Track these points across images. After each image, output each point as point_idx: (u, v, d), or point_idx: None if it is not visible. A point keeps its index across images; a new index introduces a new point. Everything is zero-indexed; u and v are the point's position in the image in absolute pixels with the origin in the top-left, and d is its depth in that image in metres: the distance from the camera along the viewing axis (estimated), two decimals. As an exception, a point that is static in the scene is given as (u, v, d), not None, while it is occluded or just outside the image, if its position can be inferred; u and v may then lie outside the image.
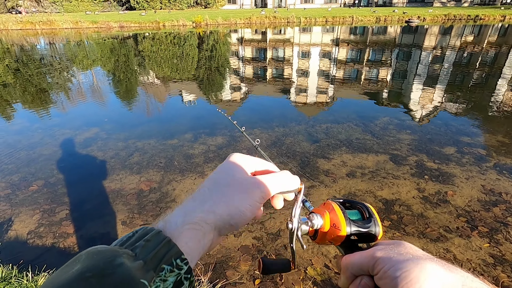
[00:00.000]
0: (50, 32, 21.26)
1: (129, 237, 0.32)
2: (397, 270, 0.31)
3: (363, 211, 0.43)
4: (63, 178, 3.34)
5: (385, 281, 0.31)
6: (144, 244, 0.31)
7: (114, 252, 0.29)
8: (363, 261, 0.35)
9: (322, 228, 0.42)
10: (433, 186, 3.04)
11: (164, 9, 37.27)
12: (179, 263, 0.30)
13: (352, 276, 0.37)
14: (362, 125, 4.61)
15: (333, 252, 2.24)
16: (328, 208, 0.43)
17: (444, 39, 15.50)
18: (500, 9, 29.17)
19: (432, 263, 0.30)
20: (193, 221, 0.34)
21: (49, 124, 5.03)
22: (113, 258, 0.27)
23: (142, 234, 0.32)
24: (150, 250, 0.30)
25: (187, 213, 0.36)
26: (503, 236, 2.37)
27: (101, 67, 10.19)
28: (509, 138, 4.11)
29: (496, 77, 7.81)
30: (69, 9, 36.34)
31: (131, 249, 0.30)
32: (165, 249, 0.30)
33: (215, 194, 0.38)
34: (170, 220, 0.35)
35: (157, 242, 0.31)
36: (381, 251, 0.34)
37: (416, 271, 0.29)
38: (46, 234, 2.52)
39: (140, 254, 0.29)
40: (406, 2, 39.73)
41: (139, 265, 0.28)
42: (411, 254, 0.33)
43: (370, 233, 0.40)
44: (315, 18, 24.89)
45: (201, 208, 0.36)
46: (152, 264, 0.29)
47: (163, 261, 0.29)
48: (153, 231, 0.32)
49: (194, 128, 4.65)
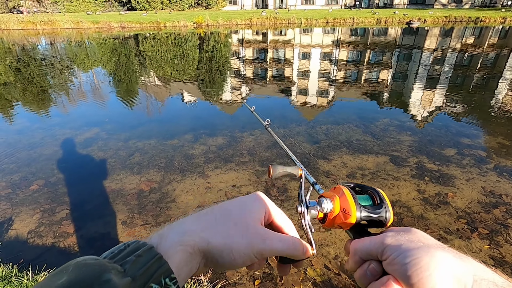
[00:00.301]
0: (51, 32, 21.31)
1: (120, 250, 0.32)
2: (407, 257, 0.30)
3: (374, 196, 0.42)
4: (64, 178, 3.35)
5: (394, 267, 0.31)
6: (135, 259, 0.30)
7: (103, 267, 0.28)
8: (372, 247, 0.35)
9: (332, 213, 0.41)
10: (433, 187, 3.04)
11: (165, 9, 37.35)
12: (168, 282, 0.29)
13: (360, 260, 0.37)
14: (363, 126, 4.61)
15: (333, 253, 2.24)
16: (338, 192, 0.42)
17: (444, 41, 15.51)
18: (501, 11, 29.19)
19: (443, 251, 0.30)
20: (188, 243, 0.34)
21: (49, 124, 5.04)
22: (100, 274, 0.27)
23: (134, 248, 0.32)
24: (140, 267, 0.29)
25: (185, 232, 0.35)
26: (503, 238, 2.37)
27: (102, 67, 10.20)
28: (509, 140, 4.11)
29: (496, 79, 7.82)
30: (70, 9, 36.42)
31: (121, 264, 0.29)
32: (156, 267, 0.30)
33: (219, 225, 0.37)
34: (168, 235, 0.34)
35: (148, 259, 0.30)
36: (391, 237, 0.34)
37: (426, 259, 0.29)
38: (46, 234, 2.53)
39: (129, 270, 0.29)
40: (407, 4, 39.77)
41: (127, 282, 0.27)
42: (422, 242, 0.33)
43: (380, 219, 0.39)
44: (315, 19, 24.92)
45: (198, 231, 0.35)
46: (140, 282, 0.28)
47: (152, 280, 0.29)
48: (145, 246, 0.32)
49: (195, 129, 4.65)
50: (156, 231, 0.35)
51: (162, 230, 0.35)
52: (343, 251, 2.25)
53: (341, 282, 2.02)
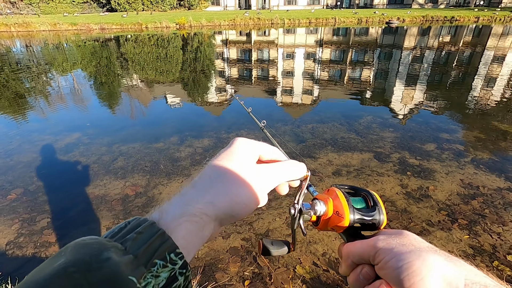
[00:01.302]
0: (27, 35, 20.49)
1: (120, 228, 0.30)
2: (399, 261, 0.30)
3: (368, 198, 0.42)
4: (44, 186, 3.23)
5: (386, 272, 0.31)
6: (136, 236, 0.28)
7: (102, 246, 0.27)
8: (364, 250, 0.35)
9: (325, 215, 0.41)
10: (415, 181, 3.14)
11: (146, 10, 36.68)
12: (173, 257, 0.28)
13: (353, 264, 0.36)
14: (347, 124, 4.70)
15: (321, 250, 2.27)
16: (331, 195, 0.42)
17: (423, 39, 16.05)
18: (474, 10, 30.49)
19: (435, 255, 0.30)
20: (192, 212, 0.32)
21: (27, 129, 4.85)
22: (100, 252, 0.26)
23: (134, 225, 0.30)
24: (141, 244, 0.28)
25: (186, 203, 0.33)
26: (481, 227, 2.48)
27: (82, 70, 9.91)
28: (485, 134, 4.30)
29: (472, 75, 8.16)
30: (46, 10, 35.14)
31: (121, 242, 0.28)
32: (158, 243, 0.28)
33: (216, 184, 0.35)
34: (167, 210, 0.33)
35: (150, 235, 0.29)
36: (382, 241, 0.34)
37: (418, 263, 0.29)
38: (26, 244, 2.43)
39: (130, 248, 0.27)
40: (386, 4, 40.85)
41: (129, 259, 0.26)
42: (414, 245, 0.32)
43: (373, 221, 0.39)
44: (298, 20, 25.18)
45: (201, 199, 0.34)
46: (143, 259, 0.27)
47: (155, 256, 0.27)
48: (146, 222, 0.30)
49: (180, 131, 4.60)
50: (156, 207, 0.34)
51: (162, 206, 0.34)
52: (331, 248, 2.29)
53: (330, 278, 2.05)
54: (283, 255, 2.23)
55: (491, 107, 5.61)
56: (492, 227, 2.47)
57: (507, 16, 25.08)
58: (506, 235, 2.38)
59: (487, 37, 16.48)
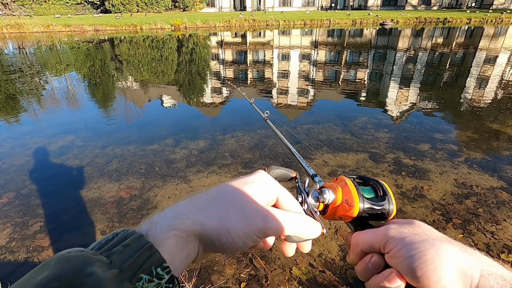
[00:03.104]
0: (19, 36, 20.26)
1: (107, 240, 0.29)
2: (411, 250, 0.29)
3: (377, 188, 0.41)
4: (37, 189, 3.18)
5: (398, 260, 0.30)
6: (122, 249, 0.27)
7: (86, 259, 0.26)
8: (375, 239, 0.34)
9: (333, 203, 0.40)
10: (410, 181, 3.16)
11: (141, 12, 36.52)
12: (160, 272, 0.27)
13: (361, 253, 0.36)
14: (342, 125, 4.72)
15: (317, 251, 2.27)
16: (340, 183, 0.41)
17: (416, 41, 16.22)
18: (466, 12, 30.93)
19: (449, 244, 0.29)
20: (179, 227, 0.31)
21: (20, 132, 4.78)
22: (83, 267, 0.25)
23: (121, 237, 0.29)
24: (127, 257, 0.27)
25: (176, 216, 0.32)
26: (475, 226, 2.50)
27: (76, 72, 9.82)
28: (478, 134, 4.35)
29: (464, 76, 8.26)
30: (39, 12, 34.79)
31: (107, 255, 0.27)
32: (145, 256, 0.27)
33: (214, 206, 0.33)
34: (157, 222, 0.31)
35: (137, 248, 0.28)
36: (394, 229, 0.33)
37: (432, 252, 0.28)
38: (18, 249, 2.39)
39: (116, 261, 0.27)
40: (380, 6, 41.25)
41: (113, 274, 0.25)
42: (427, 234, 0.32)
43: (383, 211, 0.38)
44: (293, 21, 25.29)
45: (192, 215, 0.32)
46: (129, 273, 0.26)
47: (141, 270, 0.26)
48: (134, 234, 0.29)
49: (175, 133, 4.57)
50: (147, 218, 0.33)
51: (152, 217, 0.33)
52: (327, 248, 2.29)
53: (326, 279, 2.05)
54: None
55: (483, 107, 5.69)
56: (486, 226, 2.49)
57: (498, 18, 25.49)
58: (500, 234, 2.41)
59: (479, 38, 16.73)
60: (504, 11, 30.68)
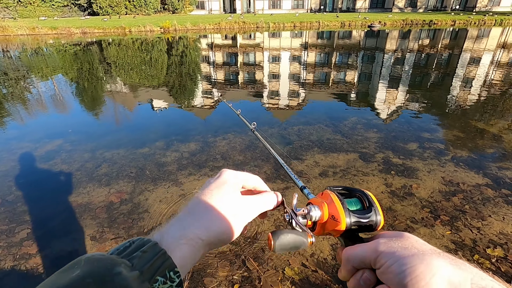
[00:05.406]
0: (4, 39, 19.76)
1: (126, 247, 0.34)
2: (402, 265, 0.29)
3: (363, 199, 0.40)
4: (23, 195, 3.10)
5: (389, 276, 0.30)
6: (141, 255, 0.32)
7: (113, 261, 0.30)
8: (365, 255, 0.34)
9: (321, 220, 0.40)
10: (399, 180, 3.22)
11: (129, 14, 36.14)
12: (172, 275, 0.32)
13: (353, 269, 0.35)
14: (332, 126, 4.78)
15: (310, 251, 2.29)
16: (326, 199, 0.41)
17: (403, 42, 16.56)
18: (451, 14, 31.76)
19: (439, 258, 0.29)
20: (189, 236, 0.37)
21: (5, 137, 4.66)
22: (112, 267, 0.29)
23: (139, 244, 0.34)
24: (146, 261, 0.32)
25: (184, 227, 0.38)
26: (462, 223, 2.56)
27: (63, 75, 9.64)
28: (463, 133, 4.47)
29: (450, 77, 8.48)
30: (24, 14, 34.01)
31: (129, 259, 0.32)
32: (160, 261, 0.32)
33: (210, 213, 0.40)
34: (168, 232, 0.37)
35: (153, 254, 0.33)
36: (384, 244, 0.33)
37: (422, 267, 0.28)
38: (4, 257, 2.32)
39: (137, 265, 0.31)
40: (367, 8, 41.96)
41: (136, 275, 0.30)
42: (416, 248, 0.31)
43: (370, 223, 0.38)
44: (283, 23, 25.47)
45: (198, 224, 0.39)
46: (148, 275, 0.31)
47: (157, 273, 0.31)
48: (150, 242, 0.34)
49: (166, 135, 4.54)
50: (157, 230, 0.38)
51: (162, 229, 0.38)
52: (319, 248, 2.31)
53: (319, 279, 2.07)
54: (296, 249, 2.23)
55: (469, 106, 5.85)
56: (472, 222, 2.56)
57: (481, 20, 26.31)
58: (485, 230, 2.48)
59: (463, 39, 17.20)
60: (487, 13, 31.66)
